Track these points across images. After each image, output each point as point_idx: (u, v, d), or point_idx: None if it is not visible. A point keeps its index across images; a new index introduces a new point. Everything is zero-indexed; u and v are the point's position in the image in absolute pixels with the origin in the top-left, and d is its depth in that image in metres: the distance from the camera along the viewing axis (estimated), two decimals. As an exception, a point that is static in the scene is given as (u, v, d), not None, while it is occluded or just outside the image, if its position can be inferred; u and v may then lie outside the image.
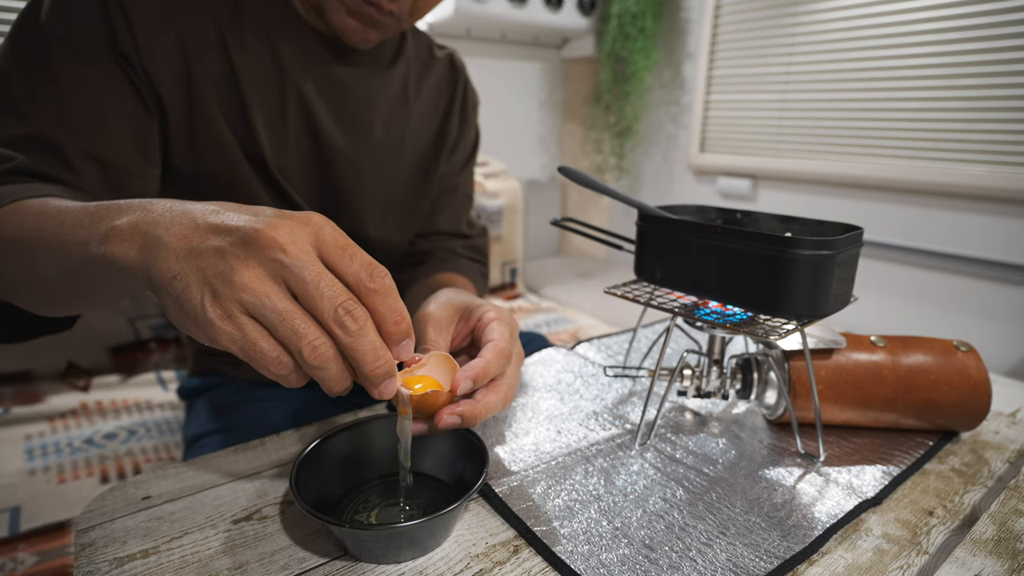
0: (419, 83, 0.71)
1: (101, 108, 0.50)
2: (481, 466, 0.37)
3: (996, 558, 0.36)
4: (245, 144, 0.57)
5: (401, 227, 0.72)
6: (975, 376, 0.47)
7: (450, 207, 0.77)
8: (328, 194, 0.64)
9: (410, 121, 0.69)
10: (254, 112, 0.57)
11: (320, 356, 0.28)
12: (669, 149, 2.40)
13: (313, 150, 0.62)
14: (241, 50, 0.56)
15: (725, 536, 0.37)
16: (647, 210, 0.49)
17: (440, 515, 0.33)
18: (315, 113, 0.60)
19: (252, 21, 0.56)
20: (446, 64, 0.75)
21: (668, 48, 2.32)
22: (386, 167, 0.67)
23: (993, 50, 1.51)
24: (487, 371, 0.38)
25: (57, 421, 1.07)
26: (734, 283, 0.44)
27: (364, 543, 0.33)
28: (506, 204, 1.91)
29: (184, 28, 0.53)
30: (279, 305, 0.27)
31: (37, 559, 0.75)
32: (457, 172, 0.77)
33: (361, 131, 0.64)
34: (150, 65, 0.52)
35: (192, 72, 0.54)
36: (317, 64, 0.60)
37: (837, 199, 1.89)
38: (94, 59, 0.49)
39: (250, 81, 0.56)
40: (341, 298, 0.28)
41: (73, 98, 0.49)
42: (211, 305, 0.27)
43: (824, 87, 1.86)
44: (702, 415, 0.53)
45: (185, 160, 0.56)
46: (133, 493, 0.41)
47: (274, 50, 0.57)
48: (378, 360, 0.30)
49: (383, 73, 0.65)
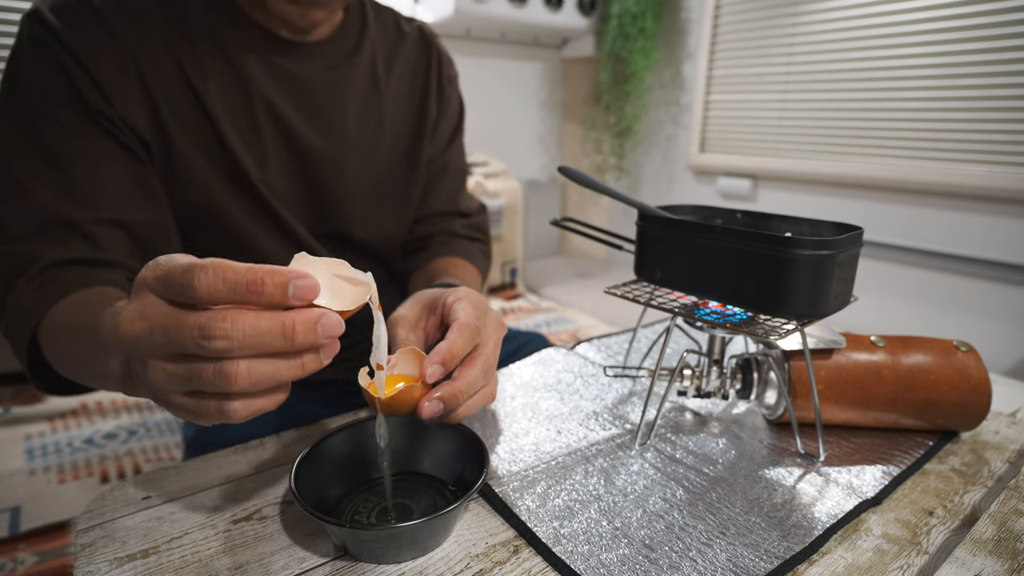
0: (389, 66, 0.68)
1: (98, 172, 0.50)
2: (481, 466, 0.37)
3: (996, 558, 0.36)
4: (226, 166, 0.56)
5: (396, 218, 0.70)
6: (975, 376, 0.47)
7: (443, 186, 0.74)
8: (313, 198, 0.63)
9: (385, 108, 0.66)
10: (227, 132, 0.55)
11: (230, 372, 0.27)
12: (669, 149, 2.40)
13: (291, 156, 0.60)
14: (201, 73, 0.54)
15: (725, 536, 0.37)
16: (647, 210, 0.49)
17: (440, 515, 0.33)
18: (285, 117, 0.59)
19: (204, 41, 0.55)
20: (416, 39, 0.71)
21: (668, 48, 2.32)
22: (368, 160, 0.65)
23: (993, 50, 1.51)
24: (453, 351, 0.37)
25: (57, 421, 1.07)
26: (734, 283, 0.44)
27: (364, 543, 0.33)
28: (506, 204, 1.92)
29: (143, 67, 0.52)
30: (181, 381, 0.29)
31: (37, 559, 0.75)
32: (444, 150, 0.74)
33: (335, 127, 0.62)
34: (125, 113, 0.51)
35: (159, 110, 0.53)
36: (277, 67, 0.58)
37: (837, 199, 1.89)
38: (74, 125, 0.50)
39: (216, 102, 0.55)
40: (185, 332, 0.27)
41: (72, 170, 0.49)
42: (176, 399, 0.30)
43: (824, 87, 1.86)
44: (702, 415, 0.53)
45: (169, 196, 0.56)
46: (133, 493, 0.41)
47: (232, 64, 0.56)
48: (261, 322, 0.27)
49: (347, 63, 0.63)
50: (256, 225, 0.59)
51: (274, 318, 0.27)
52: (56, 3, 0.51)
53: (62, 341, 0.43)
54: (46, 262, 0.47)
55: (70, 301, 0.45)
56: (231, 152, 0.56)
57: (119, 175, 0.51)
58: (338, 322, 0.29)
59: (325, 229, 0.64)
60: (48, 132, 0.49)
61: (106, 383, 0.39)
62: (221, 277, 0.26)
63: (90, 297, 0.45)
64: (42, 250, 0.47)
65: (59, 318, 0.44)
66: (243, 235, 0.58)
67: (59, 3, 0.51)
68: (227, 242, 0.58)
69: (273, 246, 0.60)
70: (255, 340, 0.27)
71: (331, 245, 0.65)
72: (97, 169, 0.50)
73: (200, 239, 0.58)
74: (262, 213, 0.59)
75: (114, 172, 0.51)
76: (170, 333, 0.27)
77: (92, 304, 0.43)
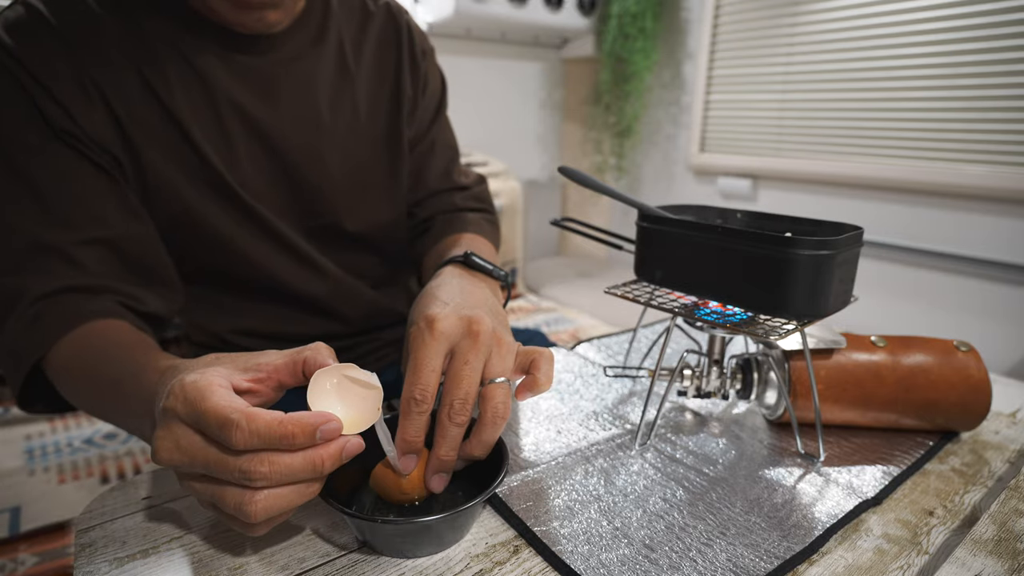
0: (358, 48, 0.65)
1: (73, 192, 0.49)
2: (501, 460, 0.37)
3: (996, 558, 0.36)
4: (200, 172, 0.55)
5: (386, 204, 0.68)
6: (975, 376, 0.47)
7: (435, 162, 0.72)
8: (296, 194, 0.61)
9: (358, 92, 0.64)
10: (197, 137, 0.54)
11: (256, 504, 0.30)
12: (669, 149, 2.40)
13: (266, 154, 0.59)
14: (163, 81, 0.53)
15: (725, 536, 0.37)
16: (647, 210, 0.49)
17: (464, 509, 0.33)
18: (253, 115, 0.57)
19: (163, 47, 0.53)
20: (384, 16, 0.68)
21: (668, 48, 2.32)
22: (347, 148, 0.63)
23: (993, 50, 1.51)
24: (404, 446, 0.36)
25: (57, 421, 1.07)
26: (734, 283, 0.44)
27: (388, 537, 0.34)
28: (506, 204, 1.92)
29: (103, 82, 0.51)
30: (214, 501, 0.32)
31: (37, 559, 0.75)
32: (429, 127, 0.72)
33: (308, 120, 0.60)
34: (91, 130, 0.50)
35: (123, 123, 0.52)
36: (239, 64, 0.57)
37: (837, 199, 1.89)
38: (43, 147, 0.49)
39: (182, 108, 0.54)
40: (227, 472, 0.30)
41: (46, 193, 0.48)
42: (204, 506, 0.33)
43: (824, 87, 1.86)
44: (702, 415, 0.53)
45: (147, 209, 0.55)
46: (133, 493, 0.41)
47: (193, 67, 0.54)
48: (293, 470, 0.30)
49: (313, 51, 0.61)
50: (238, 229, 0.57)
51: (306, 457, 0.30)
52: (9, 21, 0.49)
53: (83, 394, 0.45)
54: (33, 295, 0.46)
55: (72, 345, 0.45)
56: (203, 157, 0.55)
57: (95, 193, 0.50)
58: (359, 444, 0.32)
59: (316, 224, 0.63)
60: (16, 156, 0.48)
61: (129, 431, 0.43)
62: (256, 434, 0.29)
63: (94, 341, 0.46)
64: (27, 282, 0.47)
65: (71, 365, 0.45)
66: (225, 240, 0.57)
67: (12, 21, 0.49)
68: (210, 249, 0.57)
69: (258, 248, 0.59)
70: (290, 478, 0.30)
71: (325, 240, 0.64)
72: (72, 189, 0.49)
73: (183, 248, 0.57)
74: (242, 216, 0.58)
75: (89, 191, 0.50)
76: (211, 469, 0.30)
77: (101, 353, 0.45)
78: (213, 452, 0.30)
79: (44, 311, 0.46)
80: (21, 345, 0.46)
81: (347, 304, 0.66)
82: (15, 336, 0.46)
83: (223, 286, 0.61)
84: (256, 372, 0.34)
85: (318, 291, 0.63)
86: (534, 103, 2.51)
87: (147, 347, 0.44)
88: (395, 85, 0.67)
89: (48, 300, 0.47)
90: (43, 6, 0.50)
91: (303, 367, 0.34)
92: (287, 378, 0.35)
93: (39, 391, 0.49)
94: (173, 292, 0.55)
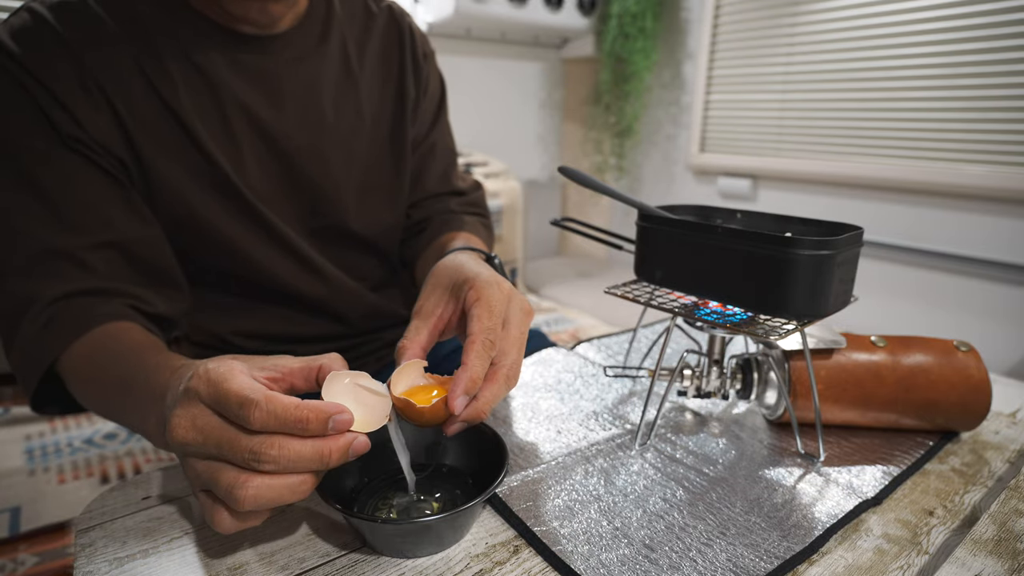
0: (361, 49, 0.65)
1: (82, 197, 0.49)
2: (501, 460, 0.37)
3: (996, 558, 0.36)
4: (206, 175, 0.55)
5: (388, 207, 0.68)
6: (975, 376, 0.47)
7: (434, 165, 0.73)
8: (301, 195, 0.61)
9: (361, 93, 0.65)
10: (203, 139, 0.54)
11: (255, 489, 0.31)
12: (669, 149, 2.41)
13: (271, 155, 0.59)
14: (168, 83, 0.53)
15: (725, 536, 0.37)
16: (647, 210, 0.49)
17: (464, 509, 0.33)
18: (259, 116, 0.57)
19: (167, 49, 0.53)
20: (387, 18, 0.68)
21: (668, 48, 2.32)
22: (351, 148, 0.64)
23: (993, 50, 1.51)
24: (473, 378, 0.37)
25: (57, 421, 1.07)
26: (734, 283, 0.44)
27: (388, 537, 0.34)
28: (506, 204, 1.92)
29: (107, 86, 0.50)
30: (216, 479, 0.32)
31: (37, 559, 0.75)
32: (429, 129, 0.73)
33: (312, 120, 0.61)
34: (97, 135, 0.50)
35: (129, 127, 0.52)
36: (244, 65, 0.57)
37: (837, 199, 1.89)
38: (50, 153, 0.49)
39: (187, 110, 0.54)
40: (237, 452, 0.31)
41: (55, 198, 0.49)
42: (196, 490, 0.34)
43: (824, 87, 1.87)
44: (702, 415, 0.53)
45: (153, 212, 0.55)
46: (133, 493, 0.41)
47: (198, 68, 0.54)
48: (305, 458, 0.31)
49: (316, 52, 0.61)
50: (243, 231, 0.58)
51: (315, 446, 0.31)
52: (14, 28, 0.49)
53: (95, 395, 0.46)
54: (46, 299, 0.47)
55: (84, 347, 0.46)
56: (209, 159, 0.55)
57: (102, 197, 0.50)
58: (365, 443, 0.33)
59: (320, 224, 0.63)
60: (24, 162, 0.48)
61: (136, 431, 0.44)
62: (273, 414, 0.30)
63: (106, 343, 0.46)
64: (39, 286, 0.47)
65: (84, 367, 0.46)
66: (230, 242, 0.57)
67: (17, 28, 0.50)
68: (216, 251, 0.57)
69: (262, 250, 0.59)
70: (297, 464, 0.31)
71: (327, 242, 0.64)
72: (79, 194, 0.49)
73: (189, 250, 0.57)
74: (247, 218, 0.58)
75: (97, 195, 0.50)
76: (222, 448, 0.31)
77: (112, 355, 0.45)
78: (227, 432, 0.31)
79: (57, 315, 0.47)
80: (35, 348, 0.46)
81: (347, 306, 0.67)
82: (29, 340, 0.46)
83: (225, 287, 0.61)
84: (272, 372, 0.35)
85: (318, 293, 0.64)
86: (534, 103, 2.51)
87: (158, 348, 0.45)
88: (398, 86, 0.68)
89: (60, 304, 0.47)
90: (48, 12, 0.50)
91: (317, 373, 0.35)
92: (300, 382, 0.36)
93: (51, 394, 0.50)
94: (180, 293, 0.56)
